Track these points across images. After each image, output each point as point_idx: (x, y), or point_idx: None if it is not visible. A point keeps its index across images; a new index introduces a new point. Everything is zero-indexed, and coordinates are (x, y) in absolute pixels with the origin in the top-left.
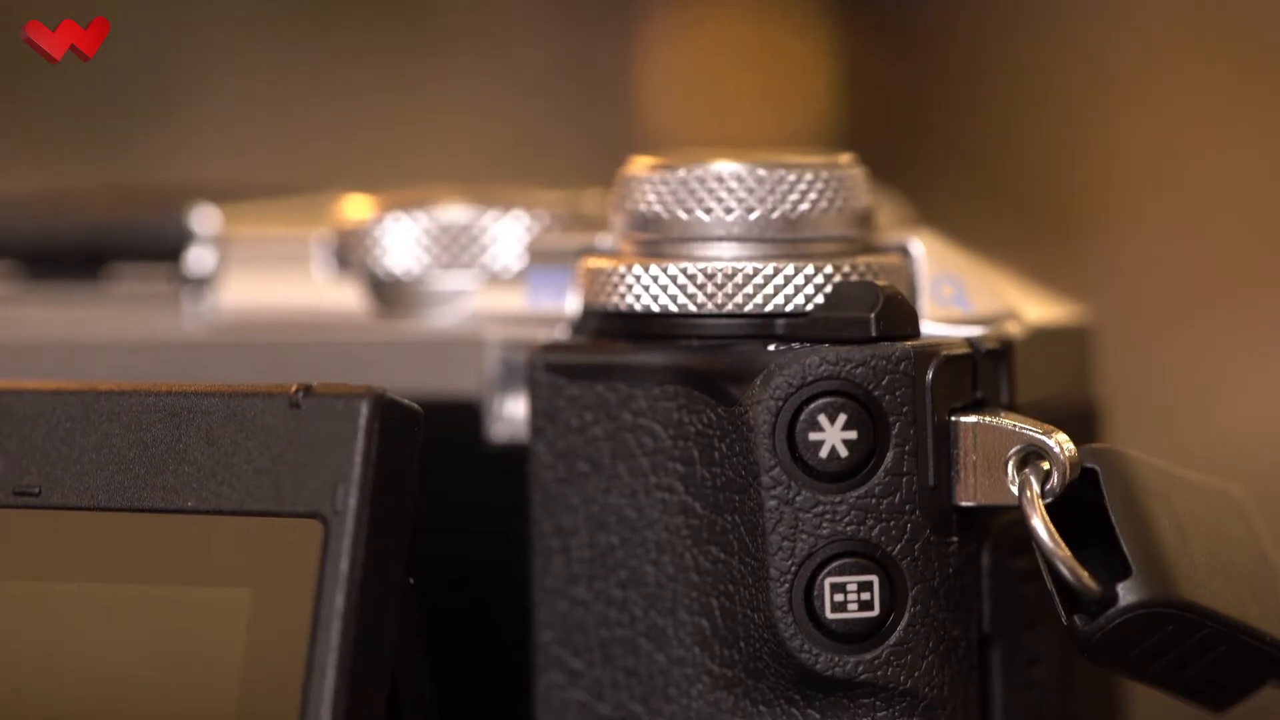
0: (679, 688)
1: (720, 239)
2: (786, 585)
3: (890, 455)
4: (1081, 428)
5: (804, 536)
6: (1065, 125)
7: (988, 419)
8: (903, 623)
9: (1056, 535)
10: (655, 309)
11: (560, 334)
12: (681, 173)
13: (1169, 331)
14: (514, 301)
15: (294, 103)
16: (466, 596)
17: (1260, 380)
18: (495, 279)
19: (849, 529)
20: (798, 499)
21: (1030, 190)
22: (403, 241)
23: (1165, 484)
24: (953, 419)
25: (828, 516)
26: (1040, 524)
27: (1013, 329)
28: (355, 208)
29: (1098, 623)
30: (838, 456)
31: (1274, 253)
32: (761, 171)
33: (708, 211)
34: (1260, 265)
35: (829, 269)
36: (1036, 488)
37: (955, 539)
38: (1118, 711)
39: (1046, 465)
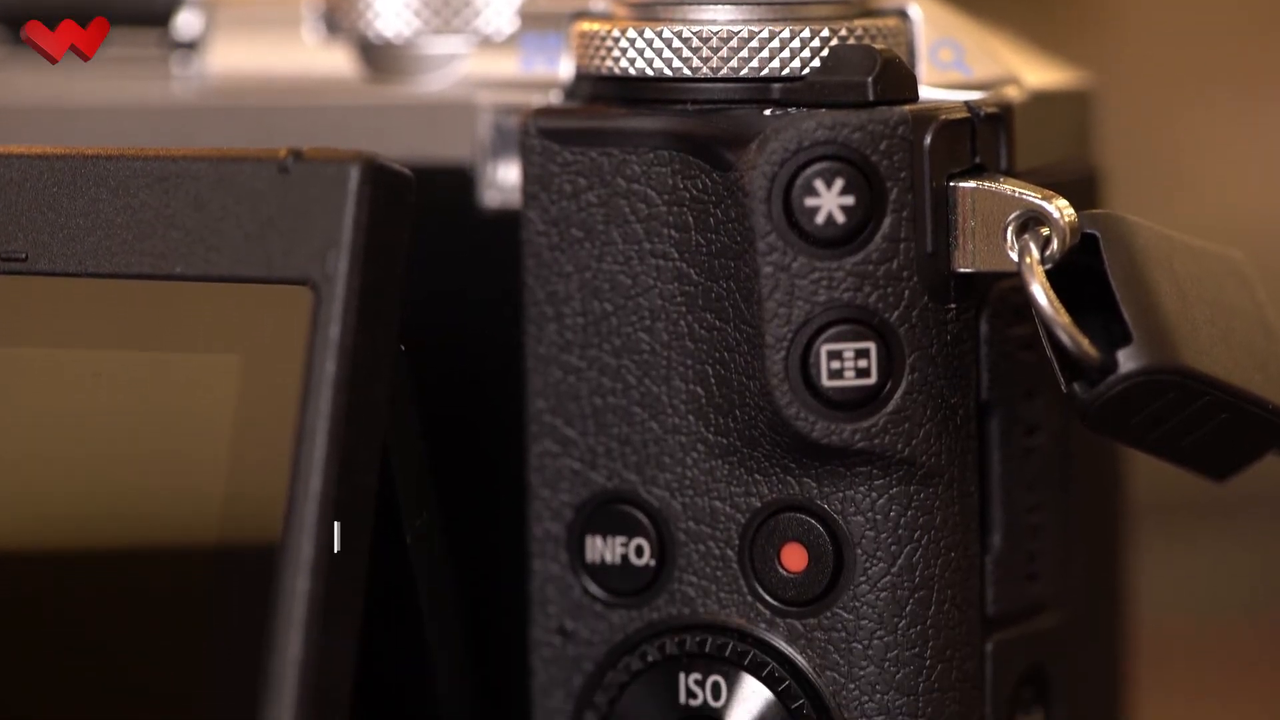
0: (673, 456)
1: (715, 2)
2: (782, 352)
3: (888, 221)
4: (1082, 194)
5: (800, 303)
6: None
7: (986, 184)
8: (900, 390)
9: (1056, 301)
10: (649, 73)
11: (553, 99)
12: None
13: (1172, 98)
14: (506, 66)
15: None
16: (458, 364)
17: (1263, 148)
18: (487, 43)
19: (846, 295)
20: (794, 265)
21: None
22: (393, 5)
23: (1166, 249)
24: (951, 184)
25: (824, 283)
26: (1039, 290)
27: (1012, 93)
28: None
29: (1097, 390)
30: (834, 222)
31: None
32: None
33: None
34: (1267, 33)
35: (825, 32)
36: (1036, 253)
37: (953, 306)
38: (1117, 480)
39: (1046, 231)
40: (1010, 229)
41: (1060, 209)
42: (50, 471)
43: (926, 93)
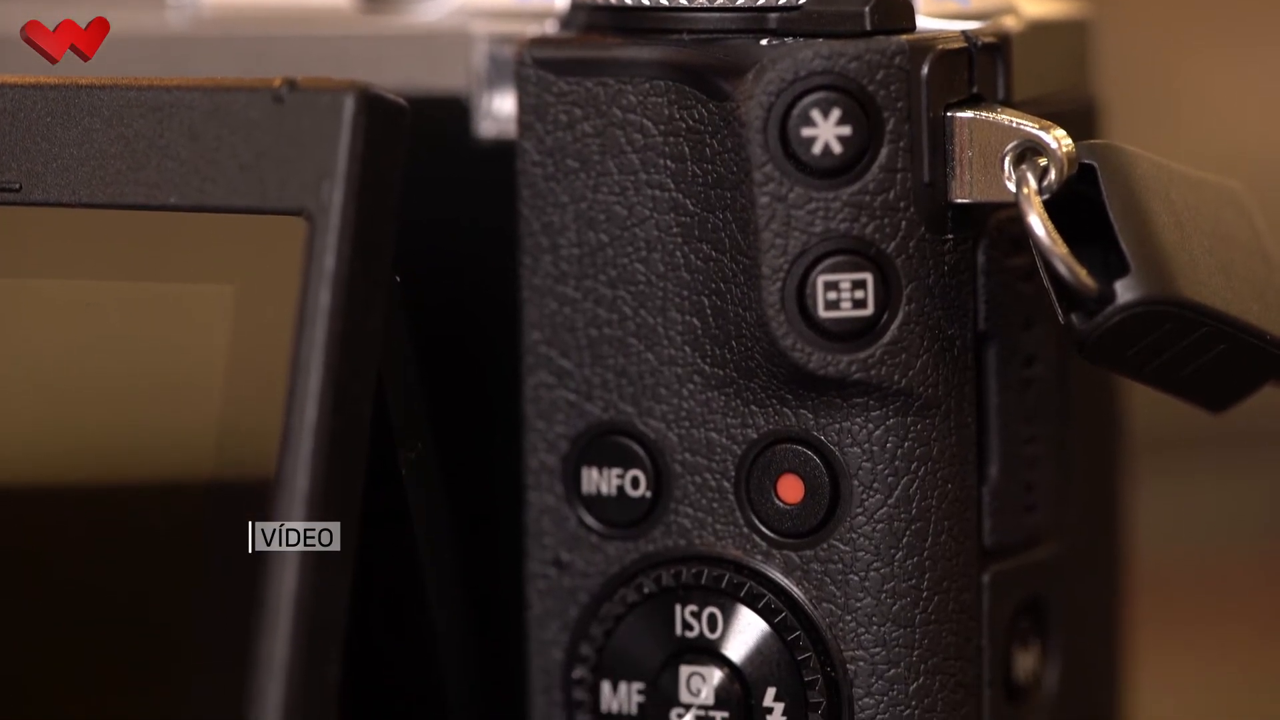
0: (669, 388)
1: None
2: (779, 283)
3: (885, 151)
4: (1080, 125)
5: (796, 234)
6: None
7: (984, 114)
8: (897, 321)
9: (1054, 231)
10: (645, 2)
11: (549, 29)
12: None
13: (1172, 28)
14: None
15: None
16: (453, 295)
17: (1263, 79)
18: None
19: (842, 226)
20: (790, 196)
21: None
22: None
23: (1164, 180)
24: (948, 115)
25: (820, 213)
26: (1037, 220)
27: (1010, 23)
28: None
29: (1095, 321)
30: (831, 152)
31: None
32: None
33: None
34: None
35: None
36: (1033, 184)
37: (950, 236)
38: (1115, 411)
39: (1044, 161)
40: (1008, 159)
41: (1058, 139)
42: (43, 403)
43: (924, 22)
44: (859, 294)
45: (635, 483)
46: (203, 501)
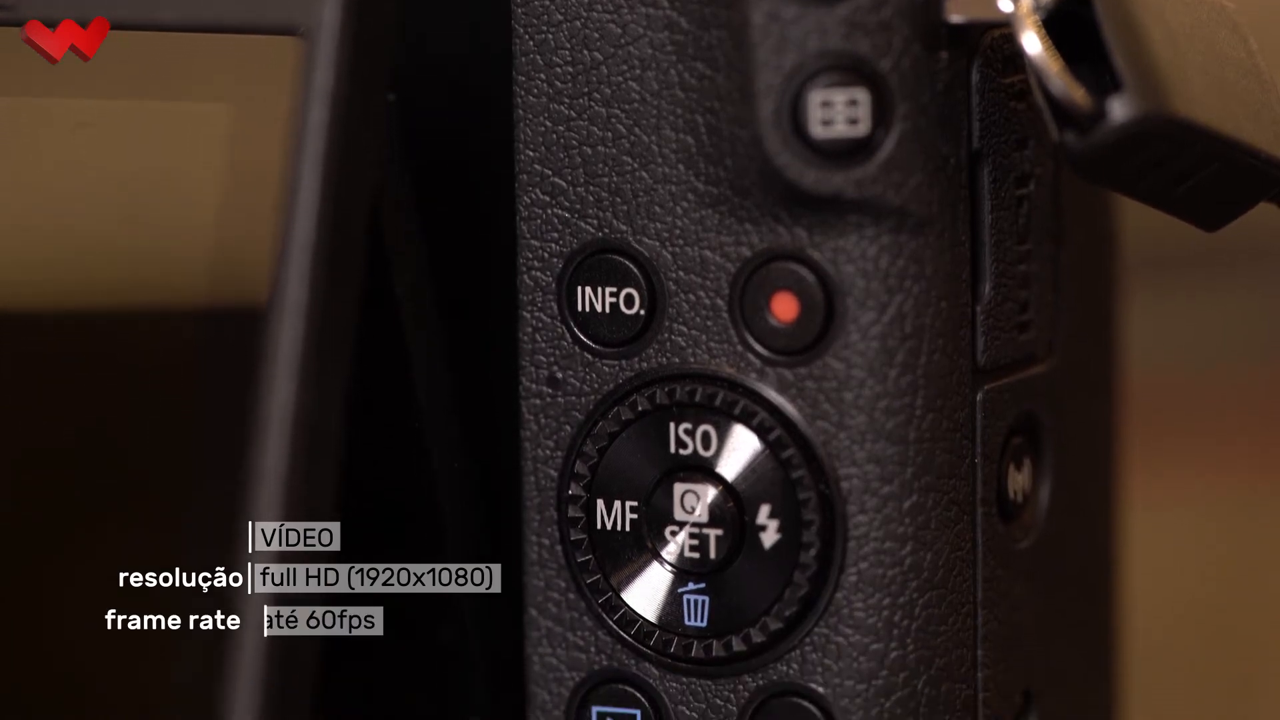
0: (663, 206)
1: None
2: (773, 101)
3: None
4: None
5: (791, 51)
6: None
7: None
8: (891, 139)
9: (1049, 48)
10: None
11: None
12: None
13: None
14: None
15: None
16: (448, 116)
17: None
18: None
19: (837, 44)
20: (785, 13)
21: None
22: None
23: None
24: None
25: (815, 30)
26: (1031, 37)
27: None
28: None
29: (1089, 139)
30: None
31: None
32: None
33: None
34: None
35: None
36: (1028, 1)
37: (944, 54)
38: (1108, 229)
39: None
40: None
41: None
42: (36, 222)
43: None
44: (853, 112)
45: (629, 301)
46: (197, 322)
